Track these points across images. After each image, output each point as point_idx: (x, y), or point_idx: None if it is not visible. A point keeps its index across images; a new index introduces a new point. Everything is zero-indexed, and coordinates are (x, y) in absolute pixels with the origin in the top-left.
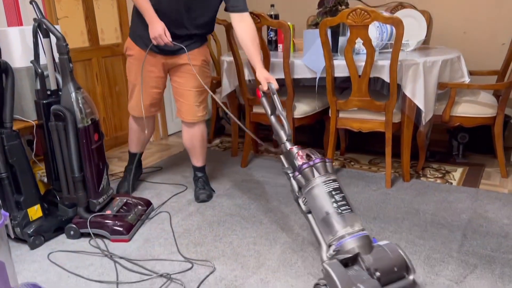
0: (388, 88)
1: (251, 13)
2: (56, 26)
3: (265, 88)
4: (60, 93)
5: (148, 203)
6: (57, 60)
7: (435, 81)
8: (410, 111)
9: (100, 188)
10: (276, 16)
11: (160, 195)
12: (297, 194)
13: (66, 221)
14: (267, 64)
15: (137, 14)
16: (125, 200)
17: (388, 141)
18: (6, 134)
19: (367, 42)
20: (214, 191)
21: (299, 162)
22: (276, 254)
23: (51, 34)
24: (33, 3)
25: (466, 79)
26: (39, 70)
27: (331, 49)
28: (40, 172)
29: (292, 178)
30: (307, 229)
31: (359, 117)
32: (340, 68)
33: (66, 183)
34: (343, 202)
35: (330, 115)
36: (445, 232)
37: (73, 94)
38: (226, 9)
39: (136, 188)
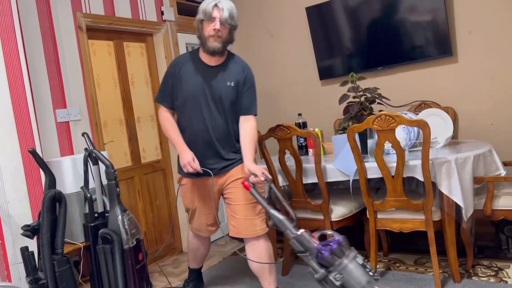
0: (424, 186)
1: (281, 125)
2: (104, 152)
3: (262, 178)
4: (107, 215)
5: None
6: (104, 184)
7: (470, 176)
8: (449, 208)
9: None
10: (304, 124)
11: None
12: (324, 272)
13: None
14: (299, 170)
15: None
16: None
17: (431, 240)
18: (57, 260)
19: (396, 145)
20: None
21: (316, 243)
22: None
23: (99, 162)
24: (85, 135)
25: (502, 172)
26: (88, 195)
27: (361, 152)
28: None
29: (311, 260)
30: None
31: (398, 217)
32: (373, 170)
33: None
34: (373, 269)
35: (368, 216)
36: None
37: (120, 217)
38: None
39: None
